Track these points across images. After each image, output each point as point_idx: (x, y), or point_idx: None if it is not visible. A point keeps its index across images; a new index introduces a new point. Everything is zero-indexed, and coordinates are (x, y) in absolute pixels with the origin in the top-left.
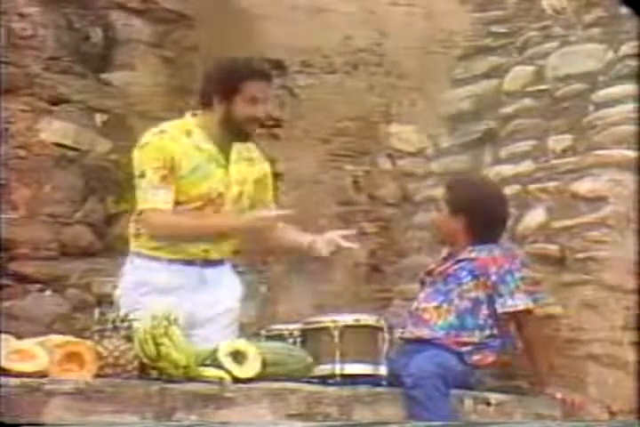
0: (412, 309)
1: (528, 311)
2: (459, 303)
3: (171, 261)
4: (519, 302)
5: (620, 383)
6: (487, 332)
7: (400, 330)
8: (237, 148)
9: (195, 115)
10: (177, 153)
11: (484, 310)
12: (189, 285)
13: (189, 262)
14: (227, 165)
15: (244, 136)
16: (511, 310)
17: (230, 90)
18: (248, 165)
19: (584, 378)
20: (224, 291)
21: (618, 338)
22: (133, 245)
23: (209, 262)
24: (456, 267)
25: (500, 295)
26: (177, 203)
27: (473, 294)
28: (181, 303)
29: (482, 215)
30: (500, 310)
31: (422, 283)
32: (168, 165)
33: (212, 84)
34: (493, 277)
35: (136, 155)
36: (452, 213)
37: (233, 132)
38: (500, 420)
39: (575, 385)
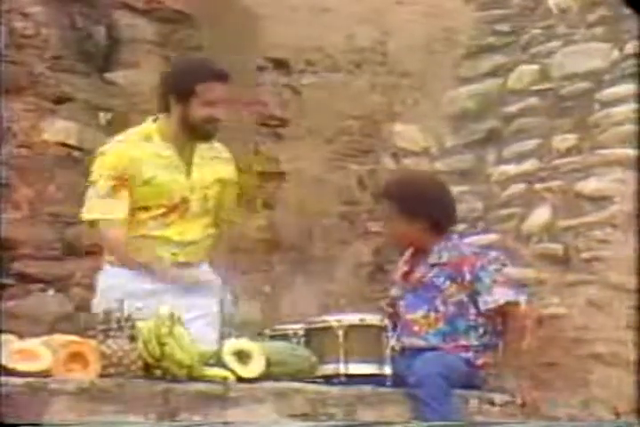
0: (401, 318)
1: (510, 304)
2: (445, 310)
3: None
4: (498, 297)
5: (625, 383)
6: (481, 330)
7: (393, 341)
8: (202, 149)
9: (155, 120)
10: (136, 161)
11: (472, 310)
12: (163, 288)
13: None
14: (189, 169)
15: (204, 137)
16: (492, 306)
17: (186, 92)
18: (214, 164)
19: (588, 377)
20: (200, 293)
21: (622, 337)
22: (105, 256)
23: (181, 265)
24: (432, 274)
25: (479, 294)
26: (141, 209)
27: (455, 298)
28: (158, 307)
29: (434, 209)
30: (482, 308)
31: (393, 284)
32: (123, 176)
33: (168, 87)
34: (468, 277)
35: (94, 163)
36: (405, 217)
37: (192, 133)
38: (503, 420)
39: (579, 384)
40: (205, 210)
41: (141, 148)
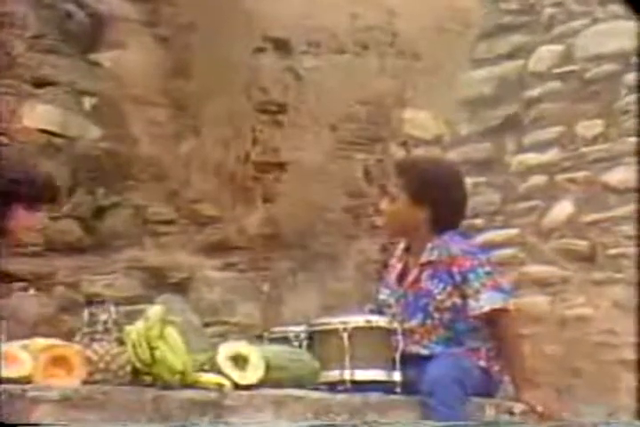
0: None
1: (496, 310)
2: (440, 316)
3: None
4: (484, 304)
5: None
6: (483, 331)
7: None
8: None
9: None
10: None
11: (469, 312)
12: None
13: None
14: None
15: None
16: (476, 313)
17: None
18: None
19: (615, 384)
20: None
21: None
22: None
23: None
24: (424, 277)
25: (466, 297)
26: None
27: (449, 303)
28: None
29: (444, 201)
30: (470, 313)
31: (386, 287)
32: None
33: None
34: (457, 278)
35: None
36: (411, 202)
37: None
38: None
39: (605, 392)
40: None
41: None
